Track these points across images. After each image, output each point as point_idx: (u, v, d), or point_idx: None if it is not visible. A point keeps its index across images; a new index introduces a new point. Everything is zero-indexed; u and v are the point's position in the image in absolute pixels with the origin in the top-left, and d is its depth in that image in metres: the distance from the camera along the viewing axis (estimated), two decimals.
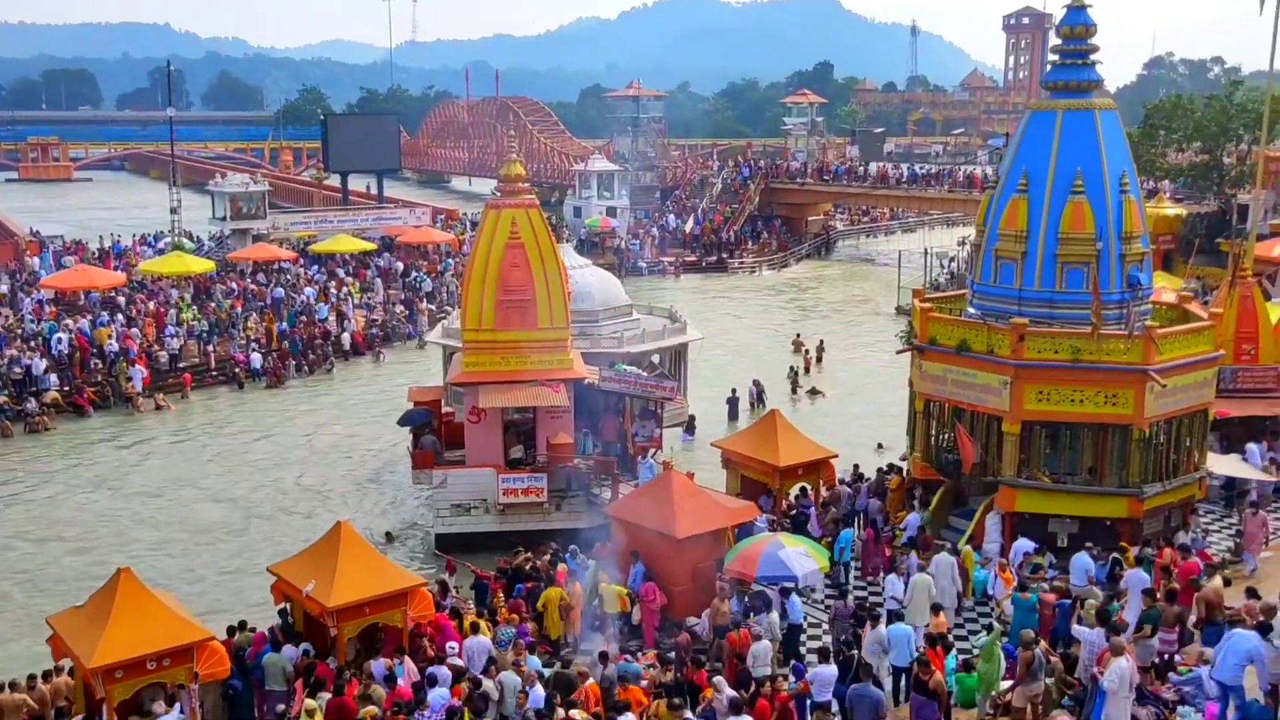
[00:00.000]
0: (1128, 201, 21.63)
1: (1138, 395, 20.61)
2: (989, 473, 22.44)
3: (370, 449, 34.36)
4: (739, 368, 41.18)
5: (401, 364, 44.82)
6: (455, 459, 27.21)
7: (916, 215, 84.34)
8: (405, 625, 17.45)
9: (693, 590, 19.95)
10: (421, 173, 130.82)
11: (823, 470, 24.61)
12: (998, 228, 22.33)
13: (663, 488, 20.98)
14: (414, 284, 54.56)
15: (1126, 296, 21.52)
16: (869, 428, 33.94)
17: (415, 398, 29.16)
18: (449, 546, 25.53)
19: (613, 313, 32.75)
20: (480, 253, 26.52)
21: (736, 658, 16.78)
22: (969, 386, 22.07)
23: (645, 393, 27.89)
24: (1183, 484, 21.96)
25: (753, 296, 61.12)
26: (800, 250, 74.14)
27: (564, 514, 25.42)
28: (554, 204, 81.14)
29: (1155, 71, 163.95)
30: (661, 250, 69.30)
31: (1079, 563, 19.39)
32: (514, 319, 26.12)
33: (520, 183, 27.32)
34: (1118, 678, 12.81)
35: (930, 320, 23.02)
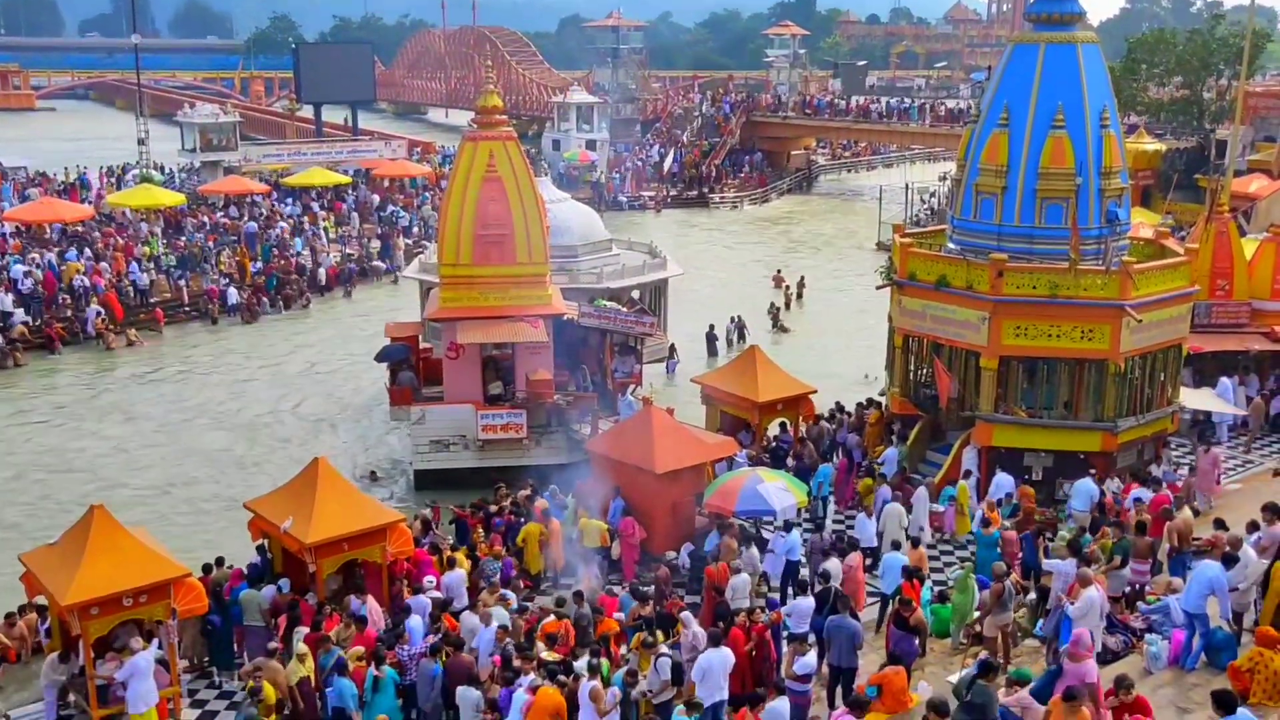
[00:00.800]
0: (1108, 137, 21.54)
1: (1114, 330, 20.72)
2: (966, 407, 22.59)
3: (347, 385, 34.24)
4: (719, 303, 41.09)
5: (378, 300, 44.49)
6: (434, 395, 27.12)
7: (898, 150, 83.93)
8: (384, 561, 17.51)
9: (672, 525, 20.09)
10: (397, 104, 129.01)
11: (802, 405, 24.69)
12: (978, 162, 22.23)
13: (642, 423, 21.01)
14: (390, 218, 54.00)
15: (1105, 232, 21.54)
16: (848, 363, 34.04)
17: (392, 334, 28.98)
18: (428, 483, 25.60)
19: (592, 248, 32.52)
20: (457, 187, 26.19)
21: (715, 590, 16.94)
22: (947, 322, 22.13)
23: (625, 328, 27.81)
24: (1156, 418, 22.20)
25: (734, 232, 60.86)
26: (781, 185, 73.73)
27: (544, 450, 25.44)
28: (532, 137, 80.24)
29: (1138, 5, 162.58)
30: (641, 185, 68.75)
31: (1082, 488, 19.83)
32: (492, 254, 25.87)
33: (497, 115, 26.91)
34: (1085, 606, 13.01)
35: (910, 256, 22.99)
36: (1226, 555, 14.33)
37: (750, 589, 17.19)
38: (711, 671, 13.06)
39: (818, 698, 14.20)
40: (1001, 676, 11.94)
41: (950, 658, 15.31)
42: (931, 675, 14.35)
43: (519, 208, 25.84)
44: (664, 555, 19.03)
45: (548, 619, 16.00)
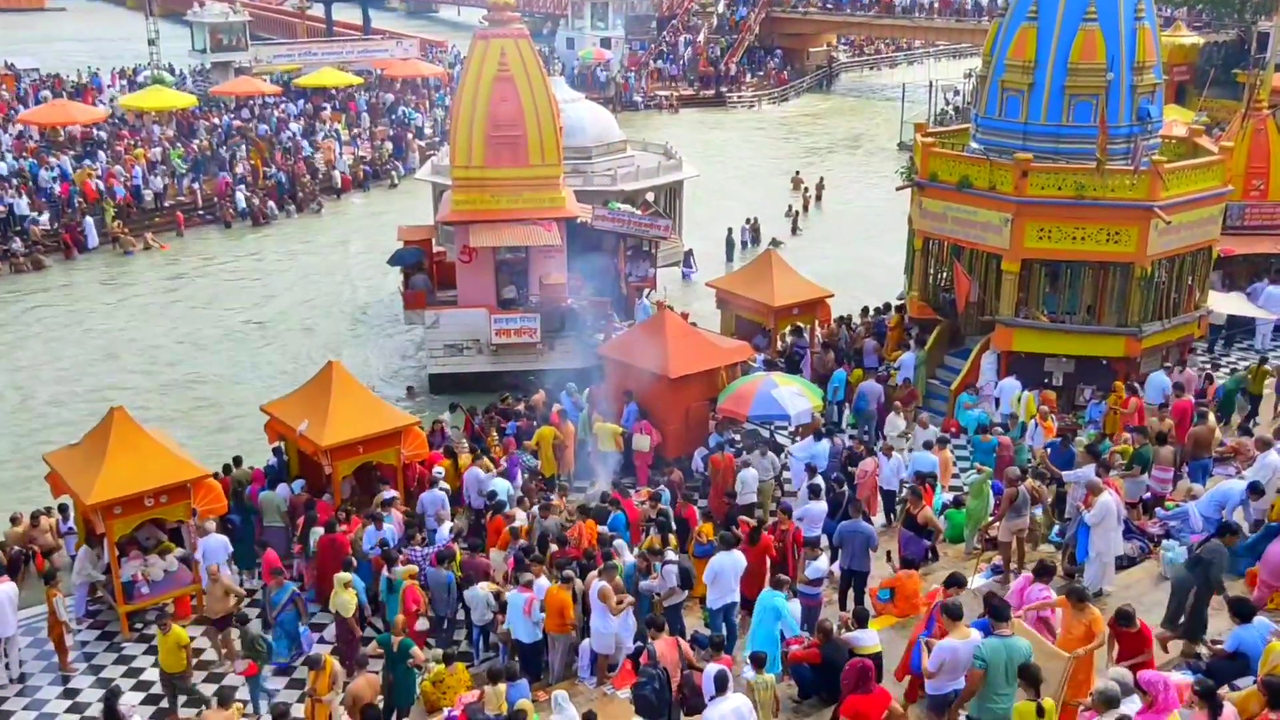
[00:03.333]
0: (1142, 30, 20.79)
1: (1141, 232, 20.24)
2: (986, 312, 22.24)
3: (360, 289, 34.07)
4: (736, 206, 40.49)
5: (390, 203, 44.04)
6: (447, 299, 26.92)
7: (922, 46, 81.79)
8: (400, 464, 17.53)
9: (685, 430, 20.00)
10: (408, 2, 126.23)
11: (819, 310, 24.37)
12: (1005, 58, 21.54)
13: (656, 328, 20.80)
14: (403, 119, 53.21)
15: (1135, 130, 20.91)
16: (868, 267, 33.58)
17: (405, 237, 28.65)
18: (442, 387, 25.56)
19: (606, 149, 31.96)
20: (468, 87, 25.60)
21: (726, 495, 16.87)
22: (969, 224, 21.66)
23: (639, 231, 27.41)
24: (1182, 323, 21.82)
25: (752, 132, 59.75)
26: (801, 84, 72.11)
27: (557, 354, 25.27)
28: (546, 35, 78.42)
29: None
30: (659, 83, 67.36)
31: (1156, 380, 19.83)
32: (504, 156, 25.41)
33: (509, 11, 26.18)
34: (1101, 513, 12.86)
35: (931, 156, 22.43)
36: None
37: (758, 486, 17.25)
38: (723, 574, 13.04)
39: (829, 600, 14.20)
40: None
41: (964, 563, 15.24)
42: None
43: (531, 108, 25.27)
44: (678, 459, 18.99)
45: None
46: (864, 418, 21.08)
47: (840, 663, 10.92)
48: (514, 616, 13.32)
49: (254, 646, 13.35)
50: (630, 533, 15.66)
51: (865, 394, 20.97)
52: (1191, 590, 10.89)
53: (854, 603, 13.81)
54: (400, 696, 12.69)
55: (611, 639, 12.80)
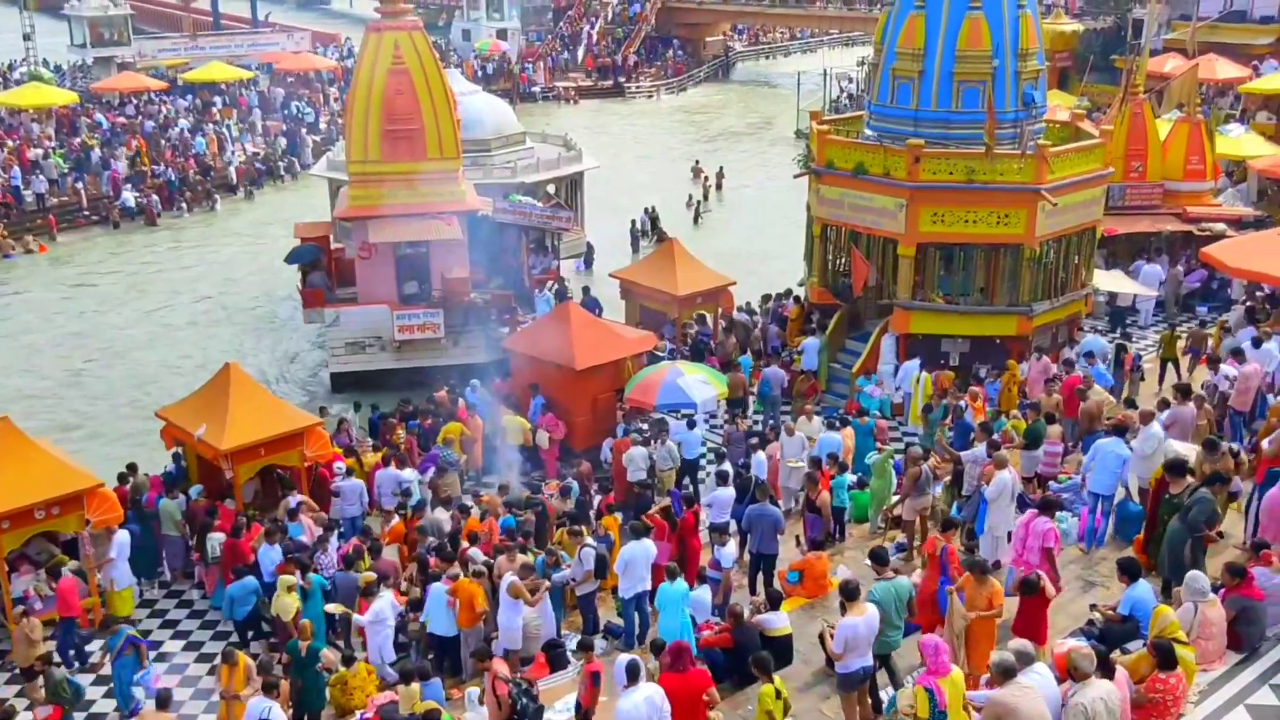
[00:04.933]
0: (1024, 17, 21.37)
1: (1029, 214, 20.83)
2: (884, 295, 22.67)
3: (256, 288, 33.32)
4: (638, 196, 40.55)
5: (286, 199, 43.09)
6: (347, 296, 26.52)
7: (816, 35, 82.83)
8: (303, 465, 17.22)
9: (593, 420, 20.04)
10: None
11: (721, 298, 24.60)
12: (895, 46, 21.94)
13: (561, 320, 20.79)
14: (296, 114, 52.10)
15: (1021, 115, 21.50)
16: (767, 254, 33.95)
17: (302, 234, 28.14)
18: (344, 385, 25.18)
19: (505, 141, 31.80)
20: (362, 80, 25.21)
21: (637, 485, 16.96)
22: (865, 210, 22.04)
23: (541, 224, 27.32)
24: (1070, 301, 22.52)
25: (651, 122, 59.88)
26: (698, 74, 72.48)
27: (461, 349, 25.08)
28: (441, 27, 77.47)
29: None
30: (557, 74, 67.09)
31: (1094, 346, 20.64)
32: (401, 149, 25.09)
33: (402, 3, 25.84)
34: (998, 488, 13.23)
35: (827, 143, 22.75)
36: (1116, 427, 14.59)
37: (649, 464, 17.48)
38: (634, 563, 13.09)
39: (739, 585, 14.36)
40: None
41: (869, 542, 15.54)
42: (851, 559, 14.57)
43: (428, 100, 25.01)
44: (585, 451, 19.02)
45: (471, 518, 15.93)
46: (769, 403, 21.35)
47: (752, 647, 11.07)
48: (435, 609, 13.18)
49: (58, 692, 12.75)
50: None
51: (769, 380, 21.26)
52: (1187, 542, 11.25)
53: (764, 585, 13.99)
54: (310, 700, 12.49)
55: (519, 634, 12.77)
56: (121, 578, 15.42)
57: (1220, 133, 29.30)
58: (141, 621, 15.65)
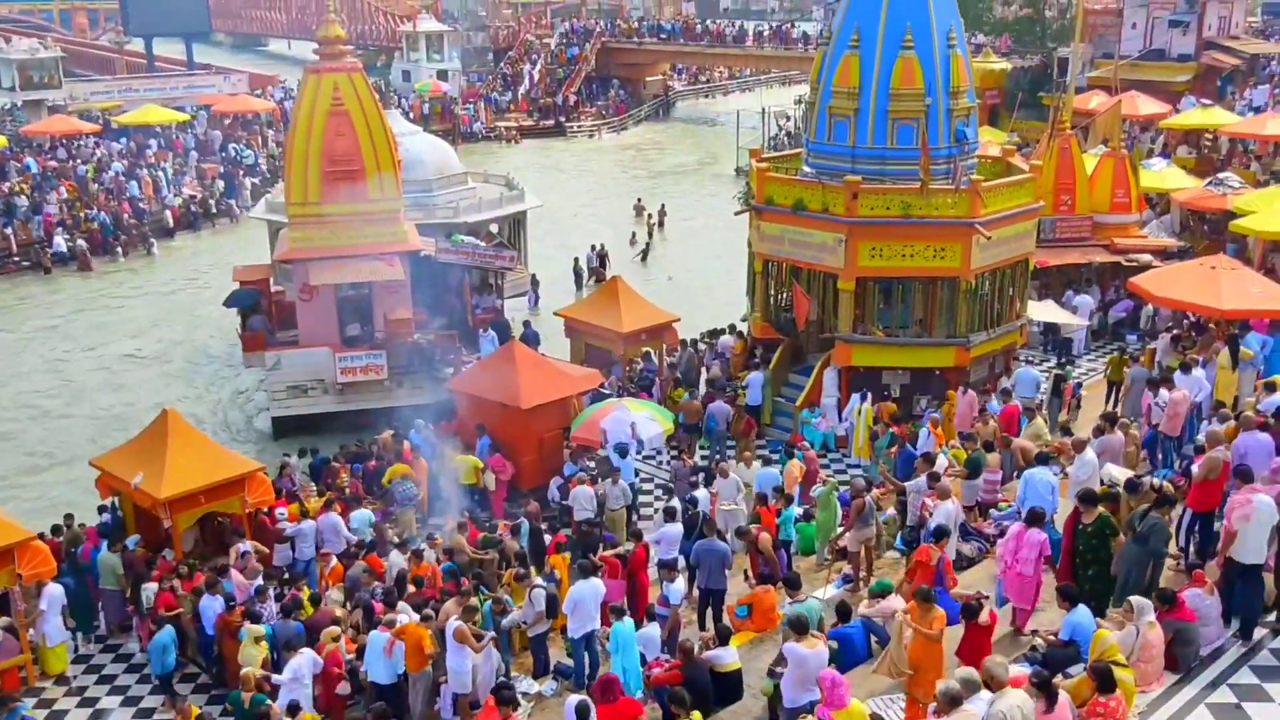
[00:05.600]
0: (955, 56, 21.88)
1: (965, 248, 21.23)
2: (826, 329, 22.95)
3: (195, 332, 32.87)
4: (581, 234, 40.73)
5: (224, 242, 42.67)
6: (288, 339, 26.25)
7: (754, 74, 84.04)
8: (244, 512, 16.96)
9: (540, 459, 20.00)
10: (236, 35, 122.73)
11: (666, 334, 24.73)
12: (831, 85, 22.33)
13: (506, 359, 20.78)
14: (234, 156, 51.70)
15: (954, 151, 21.97)
16: (711, 290, 34.23)
17: (241, 277, 27.87)
18: (286, 430, 24.89)
19: (447, 181, 31.81)
20: (301, 122, 25.14)
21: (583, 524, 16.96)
22: (805, 245, 22.33)
23: (484, 263, 27.32)
24: (1006, 332, 22.96)
25: (593, 161, 60.26)
26: (639, 113, 73.15)
27: (406, 391, 24.91)
28: (381, 68, 77.51)
29: None
30: (498, 114, 67.34)
31: (1026, 376, 21.43)
32: (342, 191, 25.00)
33: (341, 45, 25.85)
34: (943, 518, 13.41)
35: (766, 180, 23.06)
36: (1040, 455, 14.91)
37: (595, 502, 17.52)
38: (583, 603, 13.06)
39: (689, 621, 14.36)
40: (865, 590, 12.26)
41: (815, 574, 15.66)
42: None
43: (368, 142, 24.99)
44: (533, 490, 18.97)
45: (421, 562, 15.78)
46: (715, 438, 21.46)
47: (703, 683, 11.09)
48: (372, 656, 13.03)
49: None
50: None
51: (714, 415, 21.39)
52: (1148, 565, 11.43)
53: (713, 620, 14.00)
54: None
55: (468, 677, 12.64)
56: (54, 633, 15.07)
57: (1144, 167, 30.21)
58: (77, 678, 15.29)
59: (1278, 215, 24.23)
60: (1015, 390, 20.86)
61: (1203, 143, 37.22)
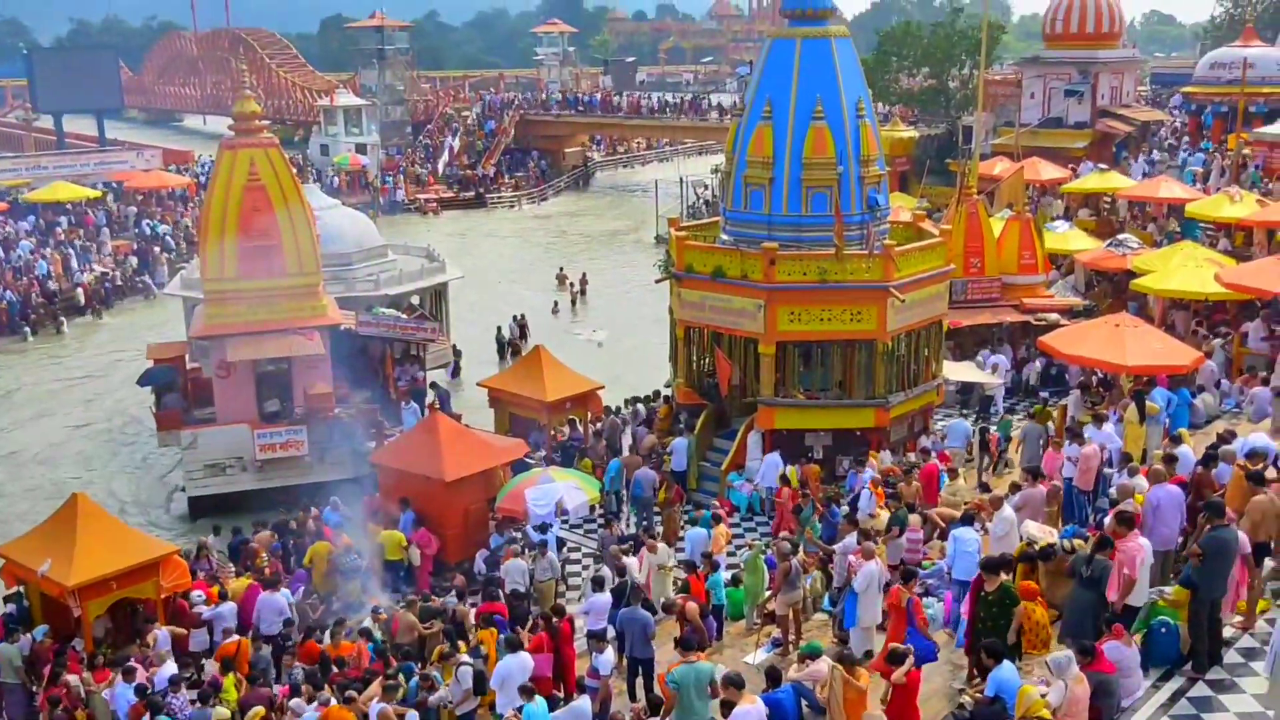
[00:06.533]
0: (864, 126, 22.52)
1: (880, 311, 21.69)
2: (748, 394, 23.18)
3: (108, 413, 32.05)
4: (503, 304, 40.77)
5: (138, 320, 41.86)
6: (206, 417, 25.75)
7: (671, 144, 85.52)
8: (158, 596, 16.47)
9: (465, 532, 19.78)
10: (149, 111, 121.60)
11: (590, 402, 24.76)
12: (746, 155, 22.81)
13: (428, 431, 20.60)
14: (148, 232, 50.93)
15: (867, 217, 22.52)
16: (634, 357, 34.40)
17: (155, 355, 27.39)
18: (204, 510, 24.32)
19: (367, 254, 31.72)
20: (217, 198, 24.93)
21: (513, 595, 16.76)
22: (726, 311, 22.62)
23: (406, 335, 27.19)
24: (923, 392, 23.40)
25: (514, 231, 60.56)
26: (559, 183, 73.86)
27: (327, 466, 24.51)
28: (299, 142, 77.31)
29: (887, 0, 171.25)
30: (418, 187, 67.44)
31: (958, 428, 21.97)
32: (260, 266, 24.78)
33: (256, 120, 25.79)
34: (865, 579, 13.52)
35: (686, 248, 23.38)
36: (965, 515, 15.19)
37: (527, 575, 17.35)
38: (510, 678, 12.86)
39: (619, 691, 14.22)
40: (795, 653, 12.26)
41: (745, 638, 15.65)
42: (728, 657, 14.61)
43: (285, 216, 24.85)
44: (459, 564, 18.72)
45: (344, 640, 15.45)
46: (641, 505, 21.43)
47: None
48: None
49: None
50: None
51: (641, 481, 21.34)
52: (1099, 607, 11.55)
53: (643, 690, 13.87)
54: None
55: None
56: None
57: (1048, 229, 31.18)
58: None
59: (1174, 274, 25.11)
60: (947, 441, 21.31)
61: (1102, 205, 38.64)
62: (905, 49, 57.68)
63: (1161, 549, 12.78)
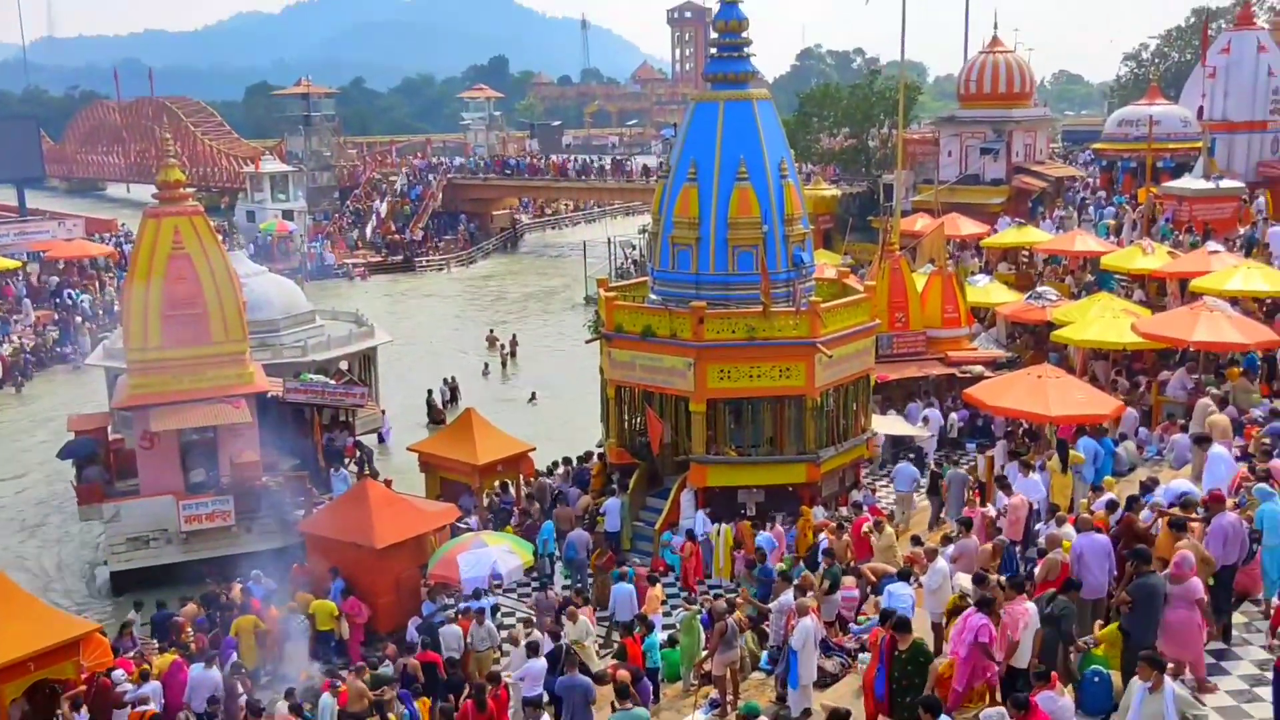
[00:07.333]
0: (787, 186, 23.01)
1: (808, 366, 22.01)
2: (680, 452, 23.27)
3: (26, 488, 31.13)
4: (434, 368, 40.55)
5: (59, 391, 40.88)
6: (129, 489, 25.15)
7: (599, 206, 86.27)
8: (79, 677, 15.92)
9: (397, 600, 19.48)
10: (71, 180, 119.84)
11: (522, 464, 24.66)
12: (672, 215, 23.13)
13: (359, 498, 20.35)
14: (69, 302, 49.95)
15: (792, 275, 22.92)
16: (565, 418, 34.36)
17: (76, 427, 26.72)
18: (128, 584, 23.65)
19: (294, 320, 31.40)
20: (140, 266, 24.57)
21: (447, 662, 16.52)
22: (656, 370, 22.78)
23: (334, 401, 26.90)
24: (853, 445, 23.68)
25: (443, 295, 60.44)
26: (487, 246, 74.02)
27: (255, 536, 24.04)
28: (225, 209, 76.63)
29: (806, 62, 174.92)
30: (346, 252, 67.14)
31: (905, 472, 22.32)
32: (184, 334, 24.42)
33: (180, 188, 25.54)
34: (802, 636, 13.56)
35: (615, 308, 23.55)
36: (901, 572, 15.36)
37: (462, 641, 17.21)
38: None
39: None
40: (733, 713, 12.22)
41: (682, 700, 15.57)
42: (666, 719, 14.53)
43: (211, 284, 24.57)
44: (392, 633, 18.41)
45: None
46: (575, 567, 21.32)
47: None
48: None
49: None
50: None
51: (574, 543, 21.28)
52: (1059, 648, 11.61)
53: None
54: None
55: None
56: None
57: (969, 283, 31.93)
58: None
59: (1092, 325, 25.77)
60: (894, 485, 21.54)
61: (1020, 259, 39.68)
62: (825, 110, 58.98)
63: (1090, 597, 13.02)
